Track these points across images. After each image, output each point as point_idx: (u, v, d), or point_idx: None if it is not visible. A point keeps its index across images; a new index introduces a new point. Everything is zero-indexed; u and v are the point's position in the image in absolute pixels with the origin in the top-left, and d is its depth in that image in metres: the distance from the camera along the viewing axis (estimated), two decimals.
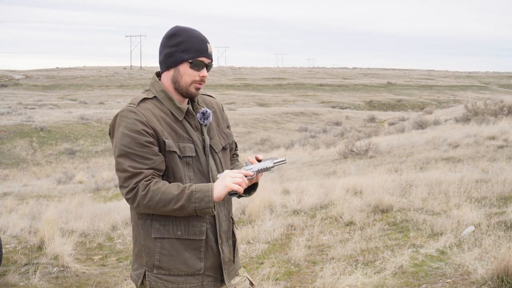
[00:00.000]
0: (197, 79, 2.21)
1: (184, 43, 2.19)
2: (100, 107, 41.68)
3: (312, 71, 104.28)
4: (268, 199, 7.04)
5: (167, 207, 2.07)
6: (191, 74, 2.20)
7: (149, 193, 2.06)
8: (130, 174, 2.08)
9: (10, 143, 24.94)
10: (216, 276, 2.26)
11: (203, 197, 2.07)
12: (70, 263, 5.16)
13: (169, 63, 2.22)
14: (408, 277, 4.23)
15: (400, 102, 56.70)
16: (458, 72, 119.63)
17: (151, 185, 2.07)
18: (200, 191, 2.08)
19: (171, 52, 2.21)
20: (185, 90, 2.22)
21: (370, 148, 14.32)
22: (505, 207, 5.82)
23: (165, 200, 2.06)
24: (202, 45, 2.20)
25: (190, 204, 2.07)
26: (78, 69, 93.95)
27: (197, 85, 2.22)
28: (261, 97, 57.07)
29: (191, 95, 2.24)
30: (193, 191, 2.07)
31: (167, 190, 2.07)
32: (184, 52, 2.19)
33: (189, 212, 2.09)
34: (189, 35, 2.21)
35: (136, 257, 2.27)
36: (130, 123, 2.12)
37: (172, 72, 2.23)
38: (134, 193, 2.08)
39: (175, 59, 2.20)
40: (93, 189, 13.19)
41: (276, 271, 4.71)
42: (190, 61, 2.19)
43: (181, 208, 2.07)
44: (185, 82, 2.21)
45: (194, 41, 2.20)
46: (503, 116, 19.46)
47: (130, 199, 2.09)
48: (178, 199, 2.06)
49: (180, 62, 2.20)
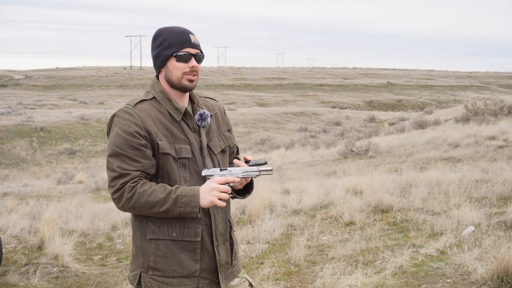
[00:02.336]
0: (187, 71, 2.21)
1: (167, 40, 2.21)
2: (100, 107, 41.66)
3: (312, 71, 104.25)
4: (268, 199, 7.04)
5: (152, 209, 2.09)
6: (180, 67, 2.20)
7: (135, 195, 2.08)
8: (117, 174, 2.10)
9: (10, 143, 24.94)
10: (212, 279, 2.25)
11: (189, 202, 2.09)
12: (70, 263, 5.16)
13: (159, 63, 2.24)
14: (408, 277, 4.23)
15: (400, 102, 56.70)
16: (458, 72, 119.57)
17: (137, 187, 2.09)
18: (186, 196, 2.09)
19: (157, 53, 2.23)
20: (178, 84, 2.22)
21: (370, 148, 14.31)
22: (505, 207, 5.82)
23: (151, 203, 2.08)
24: (183, 37, 2.21)
25: (176, 208, 2.09)
26: (78, 69, 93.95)
27: (189, 76, 2.22)
28: (261, 97, 57.05)
29: (186, 88, 2.23)
30: (179, 195, 2.09)
31: (153, 194, 2.08)
32: (168, 48, 2.20)
33: (174, 215, 2.11)
34: (170, 31, 2.23)
35: (133, 258, 2.28)
36: (124, 124, 2.14)
37: (164, 71, 2.24)
38: (120, 194, 2.10)
39: (162, 58, 2.22)
40: (93, 189, 13.18)
41: (276, 271, 4.71)
42: (174, 54, 2.19)
43: (166, 212, 2.09)
44: (176, 77, 2.21)
45: (175, 35, 2.21)
46: (503, 116, 19.46)
47: (116, 199, 2.12)
48: (164, 203, 2.08)
49: (167, 59, 2.21)
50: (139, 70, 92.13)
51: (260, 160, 2.25)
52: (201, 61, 2.26)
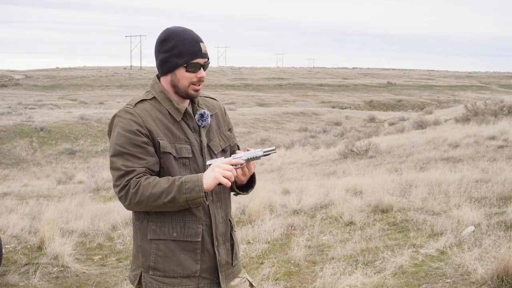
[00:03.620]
0: (195, 80, 2.21)
1: (177, 48, 2.18)
2: (100, 107, 41.67)
3: (312, 71, 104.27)
4: (268, 199, 7.04)
5: (158, 201, 2.07)
6: (188, 77, 2.20)
7: (139, 189, 2.07)
8: (122, 173, 2.10)
9: (10, 143, 24.94)
10: (212, 279, 2.25)
11: (193, 187, 2.06)
12: (70, 263, 5.16)
13: (165, 69, 2.22)
14: (408, 277, 4.24)
15: (400, 102, 56.71)
16: (458, 72, 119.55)
17: (141, 181, 2.08)
18: (190, 181, 2.07)
19: (166, 58, 2.20)
20: (184, 92, 2.22)
21: (370, 148, 14.32)
22: (505, 207, 5.82)
23: (156, 194, 2.06)
24: (195, 47, 2.19)
25: (181, 195, 2.06)
26: (78, 69, 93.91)
27: (195, 86, 2.22)
28: (261, 97, 57.07)
29: (191, 97, 2.24)
30: (183, 182, 2.07)
31: (158, 184, 2.07)
32: (178, 57, 2.18)
33: (181, 204, 2.08)
34: (181, 38, 2.19)
35: (133, 258, 2.28)
36: (125, 123, 2.14)
37: (170, 77, 2.23)
38: (126, 191, 2.09)
39: (170, 65, 2.20)
40: (93, 189, 13.19)
41: (276, 271, 4.71)
42: (185, 65, 2.18)
43: (173, 201, 2.07)
44: (183, 85, 2.21)
45: (186, 44, 2.18)
46: (503, 116, 19.46)
47: (122, 197, 2.10)
48: (169, 192, 2.06)
49: (176, 67, 2.20)
50: (139, 70, 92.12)
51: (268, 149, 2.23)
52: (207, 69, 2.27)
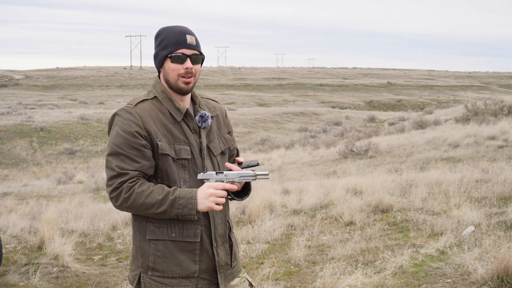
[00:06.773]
0: (182, 72, 2.19)
1: (164, 40, 2.20)
2: (100, 107, 41.65)
3: (312, 71, 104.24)
4: (268, 199, 7.04)
5: (149, 210, 2.09)
6: (175, 68, 2.19)
7: (132, 196, 2.08)
8: (115, 174, 2.10)
9: (10, 143, 24.93)
10: (211, 280, 2.25)
11: (186, 204, 2.08)
12: (70, 263, 5.16)
13: (157, 64, 2.24)
14: (408, 277, 4.23)
15: (400, 102, 56.69)
16: (458, 72, 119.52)
17: (135, 188, 2.08)
18: (183, 198, 2.09)
19: (156, 53, 2.23)
20: (175, 86, 2.21)
21: (370, 148, 14.32)
22: (505, 207, 5.82)
23: (148, 204, 2.08)
24: (179, 37, 2.19)
25: (173, 210, 2.09)
26: (78, 69, 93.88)
27: (184, 79, 2.20)
28: (261, 97, 57.05)
29: (182, 90, 2.22)
30: (176, 197, 2.08)
31: (151, 195, 2.08)
32: (164, 49, 2.19)
33: (171, 216, 2.11)
34: (169, 32, 2.21)
35: (133, 258, 2.29)
36: (125, 123, 2.14)
37: (162, 72, 2.24)
38: (117, 194, 2.10)
39: (160, 58, 2.22)
40: (93, 189, 13.18)
41: (276, 271, 4.70)
42: (169, 55, 2.18)
43: (163, 213, 2.09)
44: (172, 78, 2.20)
45: (172, 36, 2.19)
46: (503, 116, 19.45)
47: (113, 198, 2.11)
48: (161, 204, 2.08)
49: (163, 59, 2.21)
50: (139, 70, 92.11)
51: (252, 161, 2.26)
52: (199, 62, 2.22)
